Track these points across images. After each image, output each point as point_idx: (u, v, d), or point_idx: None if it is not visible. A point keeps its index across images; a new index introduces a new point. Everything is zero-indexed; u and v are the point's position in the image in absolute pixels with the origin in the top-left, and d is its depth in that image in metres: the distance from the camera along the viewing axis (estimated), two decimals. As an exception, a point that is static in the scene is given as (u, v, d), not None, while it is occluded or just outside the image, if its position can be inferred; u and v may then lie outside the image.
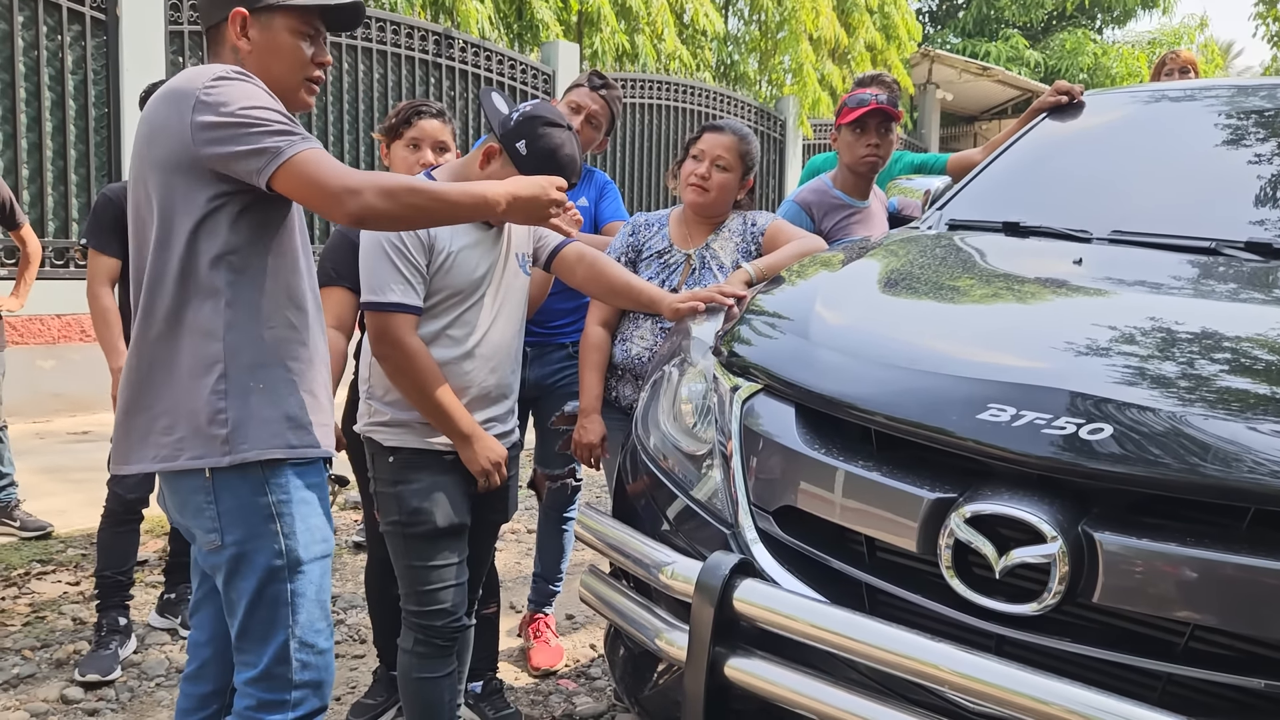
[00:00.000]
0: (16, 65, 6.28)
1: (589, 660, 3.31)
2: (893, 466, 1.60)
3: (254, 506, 1.77)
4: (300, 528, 1.81)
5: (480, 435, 2.24)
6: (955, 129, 18.38)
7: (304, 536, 1.81)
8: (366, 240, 2.22)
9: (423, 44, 8.49)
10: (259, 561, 1.78)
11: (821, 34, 12.96)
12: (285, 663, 1.82)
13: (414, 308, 2.17)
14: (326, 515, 1.88)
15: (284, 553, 1.79)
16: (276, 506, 1.79)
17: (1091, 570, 1.39)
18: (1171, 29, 21.61)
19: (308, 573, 1.83)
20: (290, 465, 1.81)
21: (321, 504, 1.88)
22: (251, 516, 1.77)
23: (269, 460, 1.78)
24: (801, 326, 1.94)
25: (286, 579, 1.80)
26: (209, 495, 1.77)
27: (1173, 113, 2.95)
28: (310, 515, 1.84)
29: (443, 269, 2.20)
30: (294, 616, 1.81)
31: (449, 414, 2.19)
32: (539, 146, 2.21)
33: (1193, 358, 1.65)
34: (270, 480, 1.78)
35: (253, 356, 1.77)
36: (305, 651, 1.83)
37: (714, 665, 1.63)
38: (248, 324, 1.77)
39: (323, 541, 1.86)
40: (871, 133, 3.12)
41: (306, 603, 1.83)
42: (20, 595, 3.66)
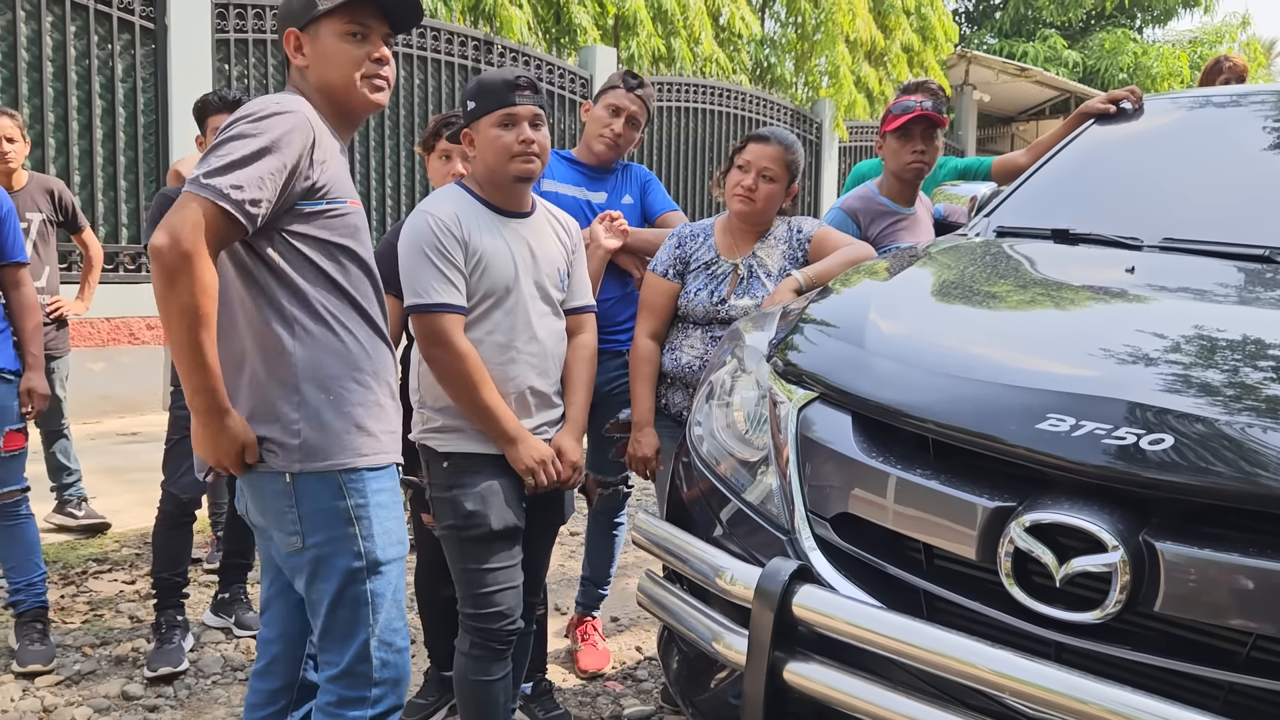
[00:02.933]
0: (69, 74, 6.42)
1: (635, 662, 3.35)
2: (951, 475, 1.62)
3: (333, 510, 1.85)
4: (378, 530, 1.88)
5: (525, 436, 2.28)
6: (992, 130, 18.25)
7: (381, 539, 1.88)
8: (405, 244, 2.27)
9: (463, 50, 8.57)
10: (339, 564, 1.86)
11: (858, 36, 12.93)
12: (366, 661, 1.89)
13: (459, 307, 2.23)
14: (400, 518, 1.95)
15: (363, 554, 1.87)
16: (355, 510, 1.86)
17: (1152, 579, 1.40)
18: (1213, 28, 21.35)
19: (385, 574, 1.90)
20: (366, 471, 1.88)
21: (395, 507, 1.94)
22: (331, 520, 1.85)
23: (347, 467, 1.85)
24: (856, 335, 1.97)
25: (366, 580, 1.87)
26: (290, 499, 1.84)
27: (1222, 118, 2.94)
28: (386, 518, 1.90)
29: (478, 269, 2.26)
30: (374, 616, 1.88)
31: (495, 415, 2.24)
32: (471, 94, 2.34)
33: (1249, 366, 1.65)
34: (348, 485, 1.85)
35: (322, 369, 1.84)
36: (384, 650, 1.91)
37: (773, 669, 1.65)
38: (315, 339, 1.84)
39: (399, 544, 1.93)
40: (917, 139, 3.14)
41: (385, 603, 1.90)
42: (79, 594, 3.75)
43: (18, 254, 3.20)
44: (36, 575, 3.21)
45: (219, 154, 1.73)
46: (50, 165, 6.37)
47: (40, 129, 6.29)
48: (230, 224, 1.72)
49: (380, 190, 8.11)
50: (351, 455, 1.86)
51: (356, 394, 1.88)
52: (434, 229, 2.23)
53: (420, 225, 2.25)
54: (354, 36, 1.89)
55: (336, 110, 1.94)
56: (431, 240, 2.22)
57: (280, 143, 1.75)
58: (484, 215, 2.33)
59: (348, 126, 2.00)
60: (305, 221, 1.84)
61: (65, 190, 4.35)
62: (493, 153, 2.28)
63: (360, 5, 1.88)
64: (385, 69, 1.93)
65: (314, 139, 1.82)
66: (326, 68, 1.90)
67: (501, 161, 2.28)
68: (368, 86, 1.92)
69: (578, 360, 2.47)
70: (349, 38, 1.89)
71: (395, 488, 1.95)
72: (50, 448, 4.42)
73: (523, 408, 2.33)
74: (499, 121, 2.27)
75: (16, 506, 3.17)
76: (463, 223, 2.27)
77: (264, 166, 1.73)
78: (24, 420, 3.15)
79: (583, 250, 2.55)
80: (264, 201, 1.74)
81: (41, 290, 4.21)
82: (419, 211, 2.29)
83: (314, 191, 1.83)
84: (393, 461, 1.94)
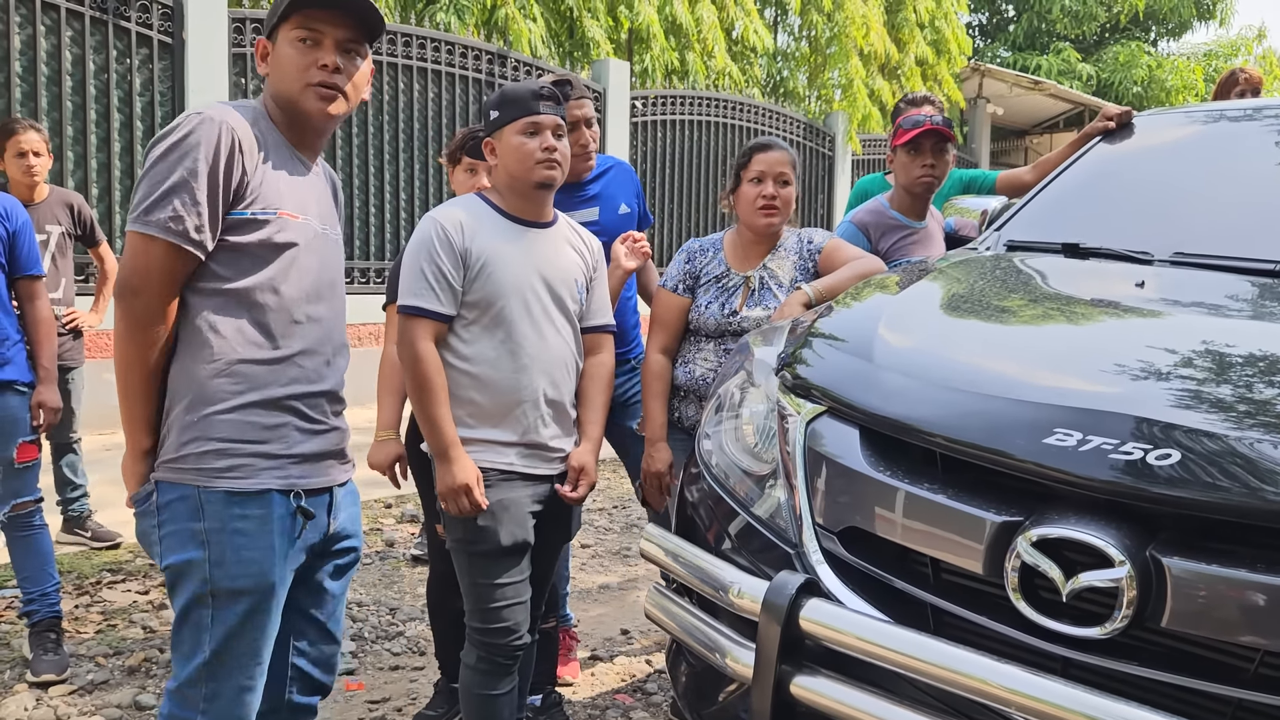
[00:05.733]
0: (88, 88, 6.49)
1: (645, 675, 3.34)
2: (958, 489, 1.62)
3: (187, 532, 1.78)
4: (230, 559, 1.78)
5: (458, 457, 2.25)
6: (1006, 143, 18.23)
7: (233, 568, 1.78)
8: (409, 247, 2.33)
9: (477, 63, 8.63)
10: (187, 584, 1.80)
11: (871, 49, 12.95)
12: (196, 686, 1.81)
13: (434, 313, 2.26)
14: (272, 550, 1.82)
15: (209, 580, 1.78)
16: (205, 533, 1.78)
17: (1159, 595, 1.40)
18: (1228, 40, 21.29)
19: (232, 605, 1.79)
20: (225, 495, 1.79)
21: (260, 537, 1.80)
22: (186, 541, 1.79)
23: (207, 487, 1.78)
24: (865, 349, 1.97)
25: (210, 606, 1.79)
26: (154, 516, 1.82)
27: (1233, 132, 2.93)
28: (244, 548, 1.79)
29: (481, 275, 2.28)
30: (215, 645, 1.79)
31: (438, 425, 2.25)
32: (495, 103, 2.38)
33: (1259, 382, 1.65)
34: (204, 506, 1.78)
35: (202, 393, 1.79)
36: (218, 682, 1.81)
37: (780, 683, 1.65)
38: (196, 355, 1.80)
39: (254, 577, 1.80)
40: (926, 153, 3.14)
41: (229, 634, 1.80)
42: (92, 604, 3.77)
43: (33, 267, 3.23)
44: (50, 585, 3.24)
45: (145, 186, 1.74)
46: (69, 178, 6.43)
47: (59, 142, 6.35)
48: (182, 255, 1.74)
49: (395, 204, 8.15)
50: (210, 476, 1.78)
51: (238, 411, 1.80)
52: (433, 235, 2.28)
53: (423, 230, 2.31)
54: (304, 43, 1.84)
55: (290, 120, 1.89)
56: (427, 246, 2.27)
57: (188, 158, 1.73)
58: (498, 223, 2.35)
59: (305, 137, 1.93)
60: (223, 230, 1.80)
61: (84, 205, 4.40)
62: (515, 159, 2.32)
63: (310, 10, 1.83)
64: (338, 77, 1.85)
65: (233, 142, 1.76)
66: (279, 76, 1.86)
67: (524, 168, 2.31)
68: (315, 95, 1.84)
69: (594, 379, 2.48)
70: (299, 44, 1.84)
71: (267, 517, 1.81)
72: (58, 461, 4.42)
73: (536, 418, 2.33)
74: (523, 129, 2.31)
75: (30, 517, 3.19)
76: (466, 230, 2.29)
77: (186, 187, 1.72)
78: (37, 432, 3.18)
79: (604, 269, 2.56)
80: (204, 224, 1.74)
81: (58, 302, 4.25)
82: (427, 217, 2.34)
83: (239, 200, 1.79)
84: (267, 488, 1.81)
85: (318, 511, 1.91)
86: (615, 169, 3.20)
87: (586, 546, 4.76)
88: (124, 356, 1.79)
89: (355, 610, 3.79)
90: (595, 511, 5.37)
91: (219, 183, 1.75)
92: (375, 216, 8.05)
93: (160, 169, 1.73)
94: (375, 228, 8.06)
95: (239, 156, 1.77)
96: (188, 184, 1.72)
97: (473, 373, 2.30)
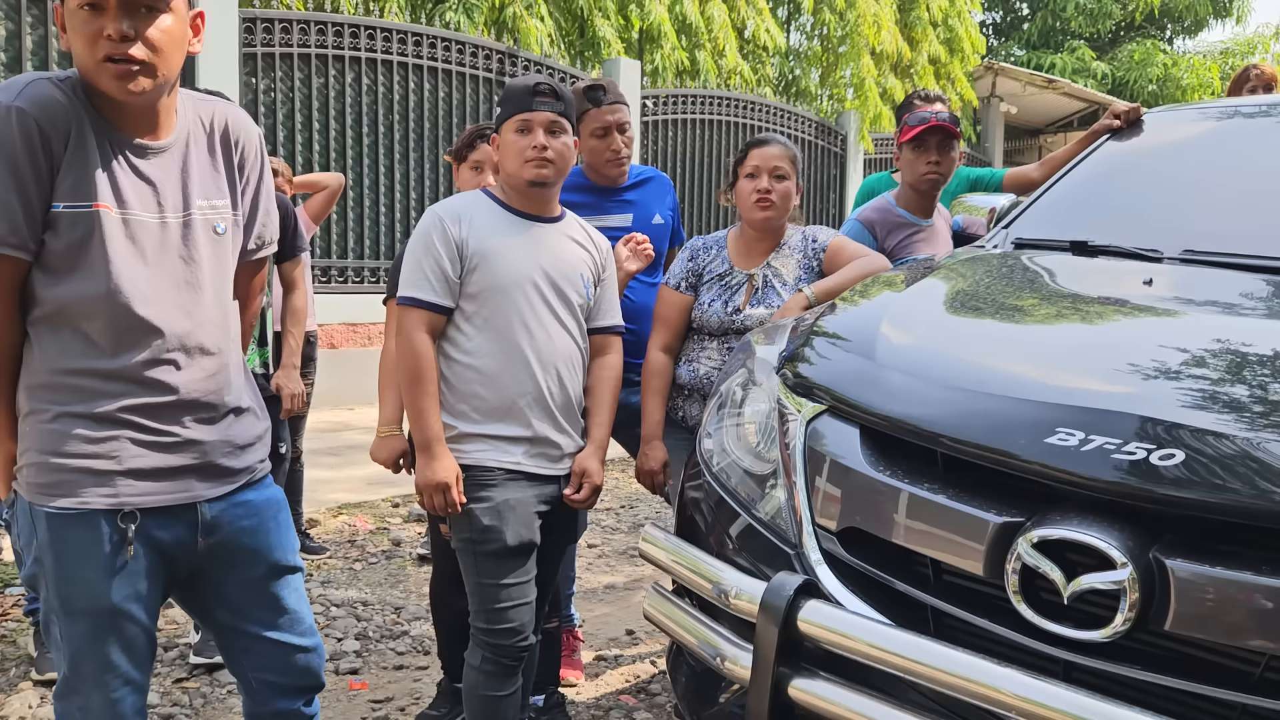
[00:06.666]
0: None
1: (650, 676, 3.33)
2: (959, 489, 1.60)
3: (31, 545, 1.70)
4: (62, 579, 1.67)
5: (439, 454, 2.23)
6: (1019, 142, 18.14)
7: (66, 589, 1.68)
8: (410, 240, 2.36)
9: (486, 62, 8.63)
10: (41, 600, 1.75)
11: (883, 48, 12.91)
12: (65, 698, 1.74)
13: (430, 304, 2.27)
14: (104, 572, 1.67)
15: (51, 598, 1.71)
16: (40, 551, 1.68)
17: (1163, 597, 1.37)
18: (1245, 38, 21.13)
19: (74, 626, 1.70)
20: (48, 514, 1.66)
21: (92, 560, 1.66)
22: (30, 553, 1.71)
23: (37, 505, 1.67)
24: (867, 347, 1.95)
25: (57, 623, 1.71)
26: (15, 523, 1.75)
27: (1244, 129, 2.90)
28: (75, 569, 1.67)
29: (480, 267, 2.28)
30: (69, 661, 1.72)
31: (424, 417, 2.25)
32: (500, 99, 2.41)
33: (1266, 381, 1.62)
34: (36, 523, 1.68)
35: (27, 403, 1.68)
36: (85, 695, 1.72)
37: (778, 686, 1.63)
38: (28, 365, 1.68)
39: (89, 599, 1.67)
40: (932, 150, 3.11)
41: (79, 653, 1.70)
42: (99, 601, 3.77)
43: None
44: (55, 583, 3.23)
45: None
46: (79, 177, 6.44)
47: (70, 142, 6.37)
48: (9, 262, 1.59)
49: (405, 203, 8.16)
50: (38, 493, 1.66)
51: (59, 421, 1.65)
52: (431, 227, 2.30)
53: (423, 223, 2.33)
54: (85, 8, 1.55)
55: (104, 99, 1.62)
56: (425, 238, 2.29)
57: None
58: (499, 216, 2.35)
59: (127, 113, 1.65)
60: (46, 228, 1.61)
61: None
62: (508, 156, 2.33)
63: None
64: (129, 46, 1.55)
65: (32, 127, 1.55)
66: (73, 49, 1.59)
67: (515, 166, 2.32)
68: (108, 73, 1.56)
69: (601, 381, 2.46)
70: (80, 10, 1.55)
71: (98, 538, 1.67)
72: None
73: (542, 415, 2.32)
74: (517, 126, 2.32)
75: (35, 515, 3.19)
76: (464, 222, 2.30)
77: None
78: None
79: (613, 270, 2.54)
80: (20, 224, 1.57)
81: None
82: (429, 210, 2.35)
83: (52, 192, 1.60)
84: (92, 508, 1.65)
85: (174, 529, 1.74)
86: (655, 180, 3.18)
87: (593, 546, 4.75)
88: None
89: (360, 609, 3.79)
90: (603, 512, 5.36)
91: (27, 174, 1.56)
92: (386, 216, 8.06)
93: None
94: (385, 227, 8.06)
95: (45, 141, 1.56)
96: None
97: (475, 366, 2.29)
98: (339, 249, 7.82)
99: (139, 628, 1.73)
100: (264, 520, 1.88)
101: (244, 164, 1.83)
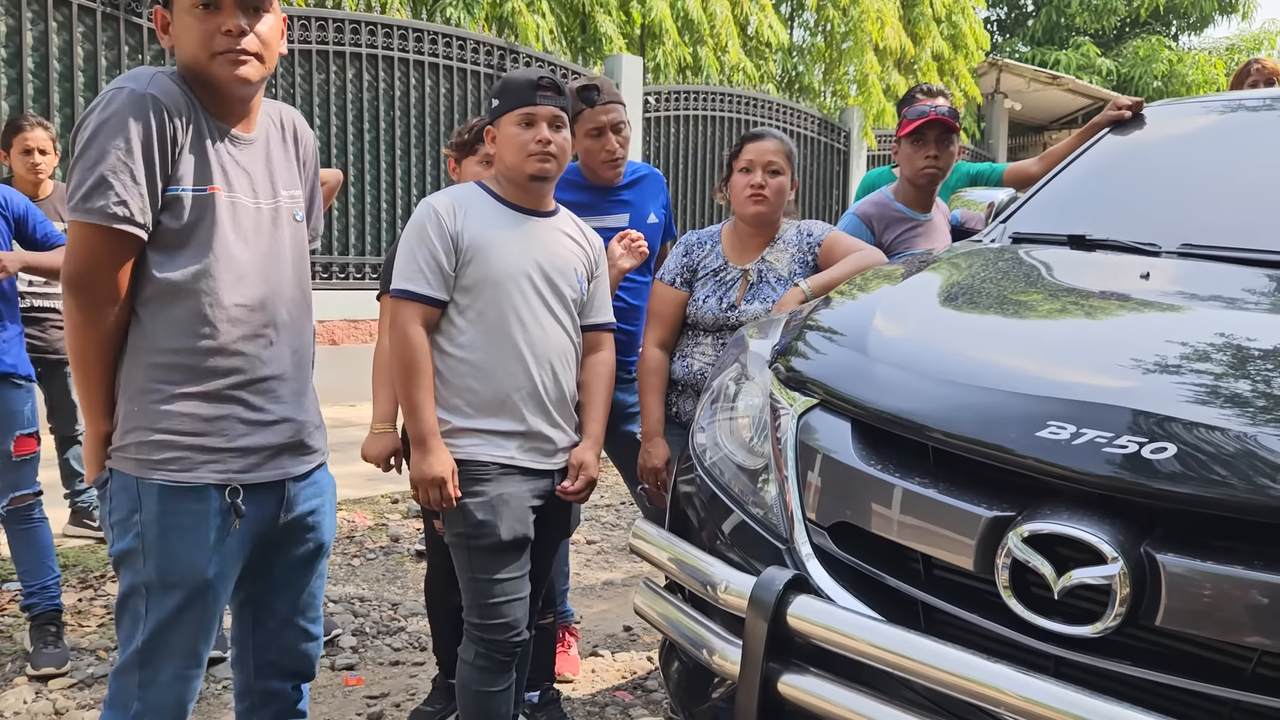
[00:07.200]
0: (100, 84, 6.51)
1: (646, 673, 3.32)
2: (950, 484, 1.58)
3: (128, 520, 1.76)
4: (162, 552, 1.75)
5: (435, 448, 2.23)
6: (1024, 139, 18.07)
7: (165, 562, 1.75)
8: (403, 233, 2.33)
9: (487, 58, 8.61)
10: (126, 572, 1.79)
11: (887, 44, 12.86)
12: (130, 672, 1.79)
13: (424, 297, 2.25)
14: (207, 546, 1.77)
15: (143, 572, 1.76)
16: (141, 525, 1.75)
17: (1154, 592, 1.35)
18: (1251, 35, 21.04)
19: (164, 599, 1.76)
20: (161, 488, 1.75)
21: (196, 534, 1.76)
22: (126, 529, 1.77)
23: (144, 479, 1.75)
24: (859, 341, 1.93)
25: (144, 596, 1.77)
26: (107, 501, 1.81)
27: (1244, 122, 2.87)
28: (178, 542, 1.75)
29: (474, 260, 2.27)
30: (146, 635, 1.77)
31: (419, 411, 2.24)
32: (495, 91, 2.37)
33: (1260, 374, 1.60)
34: (142, 498, 1.75)
35: (138, 382, 1.76)
36: (151, 670, 1.78)
37: (767, 681, 1.62)
38: (137, 345, 1.76)
39: (185, 571, 1.76)
40: (930, 144, 3.10)
41: (161, 625, 1.77)
42: (96, 597, 3.77)
43: (58, 239, 3.30)
44: (50, 578, 3.24)
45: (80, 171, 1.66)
46: (80, 173, 6.44)
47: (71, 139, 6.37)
48: (129, 240, 1.68)
49: (406, 199, 8.14)
50: (148, 468, 1.75)
51: (174, 402, 1.75)
52: (425, 219, 2.28)
53: (417, 215, 2.31)
54: (202, 8, 1.70)
55: (208, 92, 1.76)
56: (419, 230, 2.28)
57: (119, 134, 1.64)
58: (494, 209, 2.34)
59: (228, 107, 1.79)
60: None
61: None
62: (510, 150, 2.31)
63: None
64: (246, 40, 1.71)
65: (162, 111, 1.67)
66: (183, 47, 1.72)
67: (518, 160, 2.30)
68: (226, 62, 1.71)
69: (595, 377, 2.46)
70: (197, 10, 1.70)
71: (205, 511, 1.77)
72: (64, 454, 4.42)
73: (536, 409, 2.31)
74: (519, 120, 2.29)
75: (29, 510, 3.19)
76: (459, 214, 2.28)
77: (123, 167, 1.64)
78: (34, 425, 3.17)
79: (606, 266, 2.54)
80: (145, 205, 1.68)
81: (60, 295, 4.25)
82: (423, 202, 2.33)
83: (172, 176, 1.72)
84: (205, 483, 1.76)
85: (264, 505, 1.85)
86: (649, 178, 3.15)
87: (592, 542, 4.74)
88: (79, 346, 1.74)
89: (357, 605, 3.78)
90: (602, 507, 5.35)
91: (154, 157, 1.67)
92: (386, 212, 8.04)
93: (92, 151, 1.64)
94: (386, 223, 8.05)
95: (169, 126, 1.68)
96: (124, 164, 1.64)
97: (469, 360, 2.28)
98: (339, 245, 7.81)
99: (216, 609, 1.83)
100: (325, 501, 2.01)
101: (306, 161, 1.98)
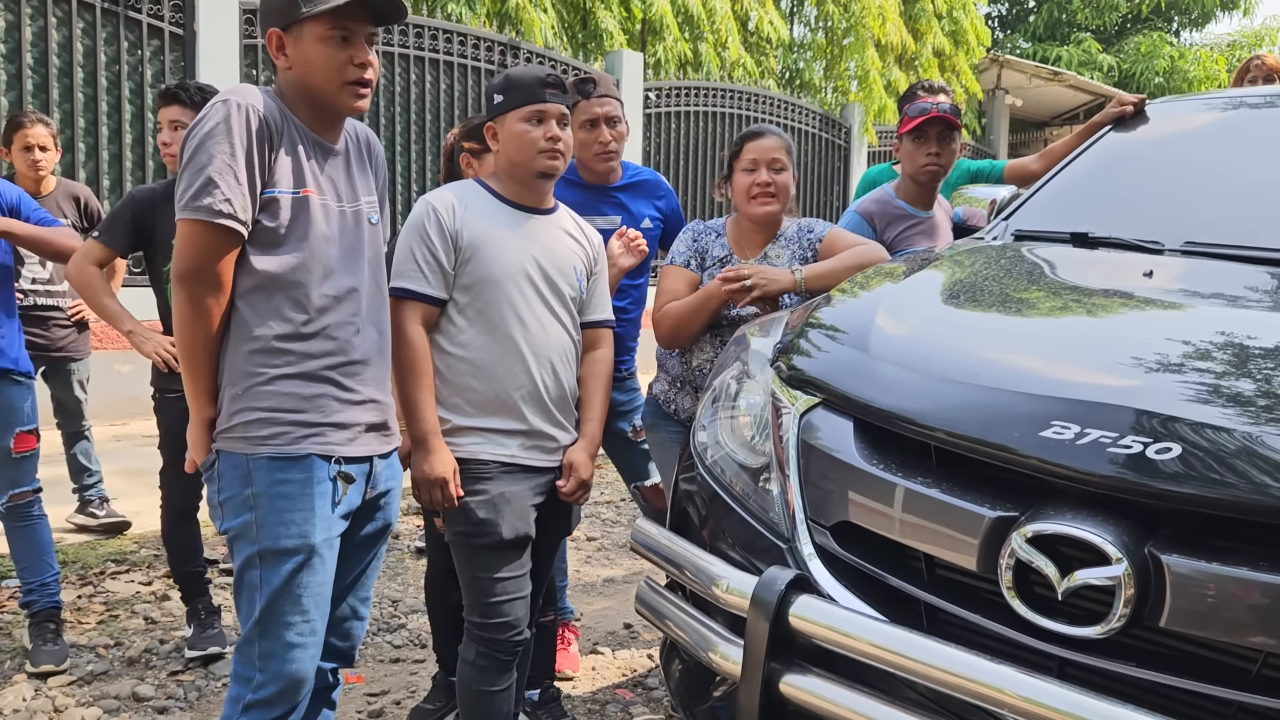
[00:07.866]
0: (99, 79, 6.50)
1: (647, 670, 3.31)
2: (953, 483, 1.57)
3: (240, 497, 1.90)
4: (273, 520, 1.88)
5: (438, 448, 2.21)
6: (1025, 135, 18.05)
7: (276, 529, 1.89)
8: (402, 231, 2.32)
9: (489, 54, 8.60)
10: (240, 547, 1.92)
11: (888, 40, 12.85)
12: (251, 644, 1.92)
13: (423, 295, 2.24)
14: (313, 512, 1.92)
15: (256, 541, 1.89)
16: (253, 498, 1.89)
17: (1158, 593, 1.35)
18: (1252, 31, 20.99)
19: (278, 565, 1.89)
20: (268, 460, 1.89)
21: (302, 499, 1.91)
22: (238, 505, 1.90)
23: (253, 454, 1.89)
24: (861, 340, 1.92)
25: (259, 566, 1.89)
26: (216, 483, 1.94)
27: (1247, 119, 2.86)
28: (287, 510, 1.89)
29: (473, 258, 2.25)
30: (263, 603, 1.90)
31: (419, 411, 2.22)
32: (499, 87, 2.34)
33: (1265, 374, 1.59)
34: (252, 473, 1.89)
35: (242, 367, 1.91)
36: (268, 640, 1.91)
37: (769, 681, 1.61)
38: (239, 334, 1.91)
39: (297, 538, 1.90)
40: (932, 141, 3.08)
41: (275, 593, 1.89)
42: (95, 594, 3.77)
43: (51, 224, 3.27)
44: (49, 575, 3.23)
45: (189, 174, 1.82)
46: (80, 170, 6.44)
47: (70, 134, 6.37)
48: (233, 236, 1.84)
49: (407, 195, 8.14)
50: (255, 444, 1.89)
51: (276, 383, 1.90)
52: (424, 217, 2.27)
53: (416, 213, 2.29)
54: (337, 41, 1.89)
55: (316, 112, 1.96)
56: (418, 228, 2.27)
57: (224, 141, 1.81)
58: (493, 206, 2.32)
59: (329, 124, 1.99)
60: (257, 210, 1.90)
61: (91, 197, 4.41)
62: (518, 147, 2.29)
63: (347, 9, 1.87)
64: (369, 72, 1.93)
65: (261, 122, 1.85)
66: (309, 71, 1.91)
67: (527, 156, 2.28)
68: (350, 94, 1.93)
69: (593, 375, 2.44)
70: (333, 42, 1.89)
71: (308, 480, 1.92)
72: (71, 449, 4.47)
73: (536, 407, 2.30)
74: (528, 117, 2.27)
75: (29, 507, 3.19)
76: (458, 212, 2.27)
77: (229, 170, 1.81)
78: (34, 422, 3.17)
79: (605, 264, 2.52)
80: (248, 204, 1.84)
81: (64, 294, 4.25)
82: (421, 199, 2.32)
83: (269, 180, 1.88)
84: (309, 453, 1.92)
85: (358, 482, 2.00)
86: (648, 181, 3.12)
87: (593, 539, 4.73)
88: (189, 336, 1.88)
89: (358, 603, 3.77)
90: (602, 505, 5.34)
91: (254, 162, 1.84)
92: (387, 208, 8.03)
93: (200, 156, 1.81)
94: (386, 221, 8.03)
95: (267, 136, 1.86)
96: (229, 167, 1.81)
97: (469, 359, 2.27)
98: (340, 241, 7.80)
99: (326, 576, 1.95)
100: (396, 483, 2.16)
101: (378, 170, 2.15)
